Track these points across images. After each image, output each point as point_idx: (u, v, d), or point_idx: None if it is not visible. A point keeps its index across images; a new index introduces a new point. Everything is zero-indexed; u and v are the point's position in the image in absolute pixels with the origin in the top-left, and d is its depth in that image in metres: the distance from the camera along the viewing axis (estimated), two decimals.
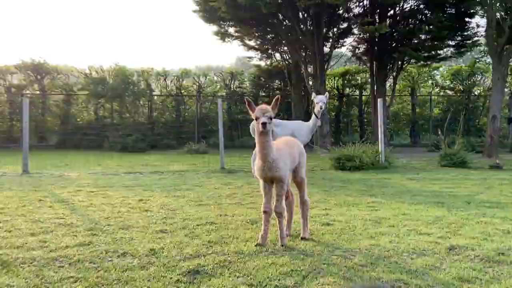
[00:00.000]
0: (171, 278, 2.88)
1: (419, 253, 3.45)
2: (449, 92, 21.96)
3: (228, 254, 3.39)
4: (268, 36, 17.95)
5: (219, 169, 9.93)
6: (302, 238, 3.83)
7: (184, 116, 20.22)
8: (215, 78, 21.14)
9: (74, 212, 5.05)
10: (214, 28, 17.26)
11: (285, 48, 18.06)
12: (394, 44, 17.15)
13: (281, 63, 19.10)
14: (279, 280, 2.87)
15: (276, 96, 3.66)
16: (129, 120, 19.44)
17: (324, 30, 16.07)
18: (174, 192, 6.61)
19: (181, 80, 20.20)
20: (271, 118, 3.45)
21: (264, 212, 3.70)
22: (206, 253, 3.41)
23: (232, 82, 20.59)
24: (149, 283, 2.79)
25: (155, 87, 20.46)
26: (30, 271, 2.99)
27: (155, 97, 20.47)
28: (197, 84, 20.32)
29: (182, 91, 20.30)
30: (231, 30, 17.43)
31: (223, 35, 17.38)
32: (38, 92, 19.27)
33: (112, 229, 4.21)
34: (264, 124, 3.38)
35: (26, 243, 3.66)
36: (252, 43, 18.70)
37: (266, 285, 2.78)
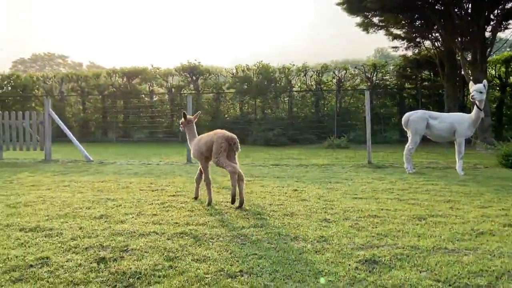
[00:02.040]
0: (349, 264, 2.89)
1: None
2: None
3: (403, 247, 3.26)
4: (417, 23, 16.71)
5: (366, 163, 9.65)
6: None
7: (323, 110, 20.23)
8: (356, 71, 20.59)
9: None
10: (358, 19, 16.82)
11: (437, 34, 16.57)
12: None
13: (431, 51, 17.59)
14: (468, 278, 2.65)
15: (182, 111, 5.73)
16: (271, 115, 20.30)
17: (486, 12, 14.23)
18: (325, 184, 6.66)
19: (320, 75, 20.24)
20: (182, 123, 5.67)
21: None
22: (379, 245, 3.34)
23: (375, 75, 19.80)
24: (328, 267, 2.86)
25: (295, 83, 20.92)
26: (219, 245, 3.34)
27: (295, 93, 20.93)
28: (337, 78, 20.10)
29: (321, 86, 20.32)
30: (376, 19, 16.75)
31: (367, 26, 16.80)
32: (193, 91, 21.50)
33: (278, 215, 4.44)
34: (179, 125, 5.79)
35: (208, 222, 4.11)
36: (398, 31, 17.66)
37: (454, 283, 2.60)
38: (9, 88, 22.17)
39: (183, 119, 5.68)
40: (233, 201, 4.83)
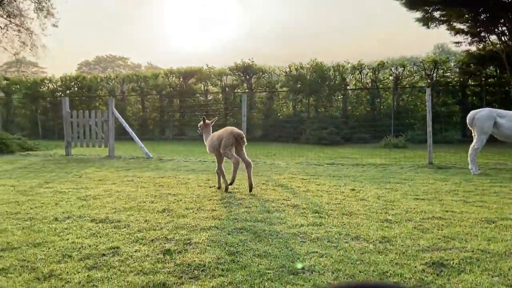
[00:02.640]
0: (415, 267, 2.80)
1: None
2: None
3: (472, 251, 3.10)
4: (482, 17, 15.74)
5: (427, 164, 9.25)
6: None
7: (379, 109, 19.64)
8: (414, 67, 19.75)
9: (296, 196, 5.48)
10: (417, 14, 16.16)
11: (503, 28, 15.51)
12: None
13: (497, 46, 16.49)
14: None
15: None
16: (324, 114, 20.02)
17: None
18: (384, 184, 6.48)
19: (377, 72, 19.66)
20: (200, 126, 6.47)
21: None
22: (446, 248, 3.20)
23: (435, 72, 18.89)
24: (393, 268, 2.78)
25: (349, 81, 20.48)
26: (279, 242, 3.37)
27: (349, 91, 20.50)
28: (394, 75, 19.41)
29: (377, 84, 19.74)
30: (437, 14, 15.99)
31: (427, 21, 16.08)
32: (247, 90, 21.75)
33: (336, 214, 4.39)
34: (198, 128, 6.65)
35: (266, 218, 4.15)
36: (461, 26, 16.74)
37: None
38: (76, 88, 23.70)
39: (202, 122, 6.40)
40: (231, 184, 5.78)
